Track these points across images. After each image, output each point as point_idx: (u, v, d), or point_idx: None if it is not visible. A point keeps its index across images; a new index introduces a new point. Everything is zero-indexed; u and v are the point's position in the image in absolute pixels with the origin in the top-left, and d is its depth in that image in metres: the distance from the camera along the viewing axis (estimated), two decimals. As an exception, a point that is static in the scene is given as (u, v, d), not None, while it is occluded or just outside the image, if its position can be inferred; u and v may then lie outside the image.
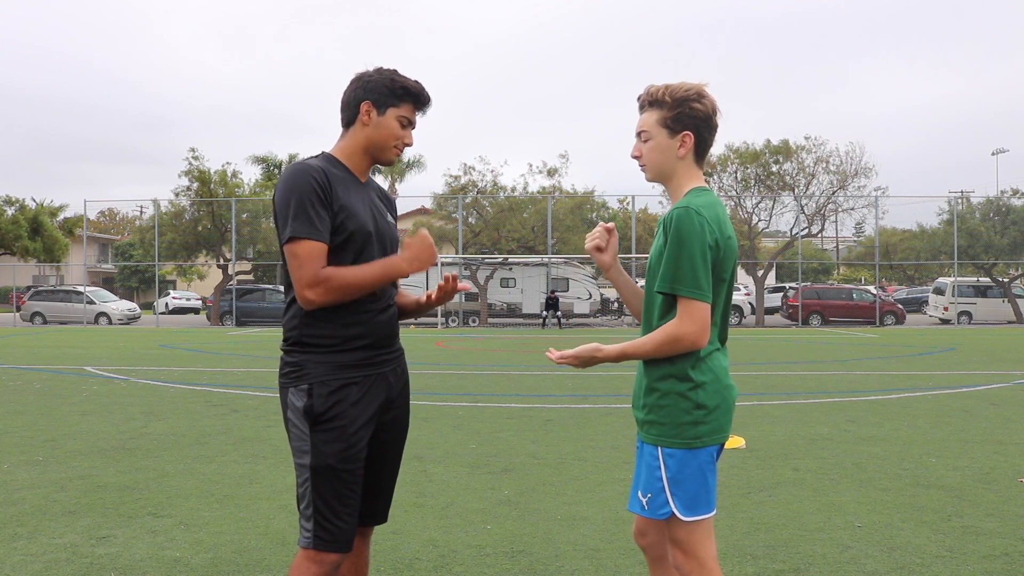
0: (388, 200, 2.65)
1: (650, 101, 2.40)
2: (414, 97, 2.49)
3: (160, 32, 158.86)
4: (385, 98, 2.46)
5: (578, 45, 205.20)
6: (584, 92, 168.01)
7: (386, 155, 2.51)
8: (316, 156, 2.48)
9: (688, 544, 2.32)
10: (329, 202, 2.34)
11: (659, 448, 2.32)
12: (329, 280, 2.30)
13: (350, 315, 2.41)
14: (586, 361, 2.38)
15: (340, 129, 2.54)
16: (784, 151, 32.09)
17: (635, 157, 2.46)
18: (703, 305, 2.25)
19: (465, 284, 2.63)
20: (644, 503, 2.35)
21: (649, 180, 2.49)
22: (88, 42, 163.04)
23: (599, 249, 2.59)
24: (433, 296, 2.61)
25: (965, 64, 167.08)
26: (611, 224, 2.63)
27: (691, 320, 2.24)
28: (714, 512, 2.36)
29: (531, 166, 33.86)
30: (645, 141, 2.42)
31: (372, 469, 2.54)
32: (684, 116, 2.35)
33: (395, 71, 2.51)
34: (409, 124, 2.52)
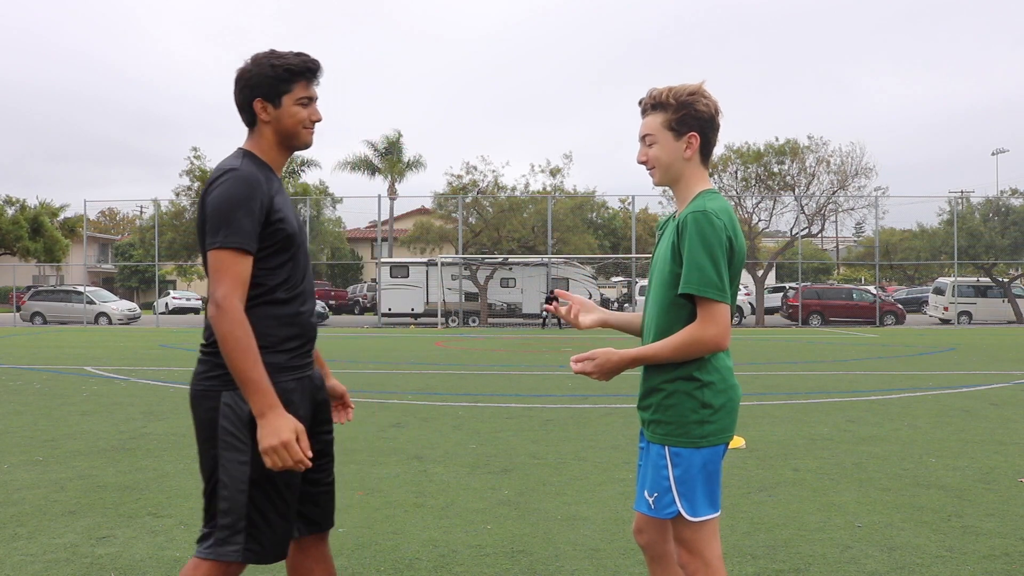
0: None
1: (653, 104, 2.38)
2: (301, 73, 2.36)
3: (161, 33, 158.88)
4: (273, 88, 2.34)
5: (580, 44, 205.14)
6: (585, 92, 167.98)
7: (301, 140, 2.41)
8: (242, 157, 2.34)
9: (694, 543, 2.32)
10: (266, 216, 2.25)
11: (666, 447, 2.32)
12: (237, 313, 2.16)
13: (288, 316, 2.32)
14: (602, 365, 2.34)
15: (340, 126, 2.50)
16: (791, 151, 32.05)
17: (642, 162, 2.44)
18: (725, 307, 2.26)
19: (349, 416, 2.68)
20: (650, 502, 2.35)
21: (657, 184, 2.47)
22: (89, 41, 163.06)
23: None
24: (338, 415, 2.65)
25: (965, 64, 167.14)
26: (562, 299, 2.70)
27: (714, 322, 2.24)
28: (719, 512, 2.36)
29: (533, 166, 33.84)
30: (650, 145, 2.40)
31: (312, 475, 2.42)
32: (688, 117, 2.34)
33: (271, 54, 2.36)
34: (310, 101, 2.39)
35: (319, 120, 2.42)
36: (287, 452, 2.16)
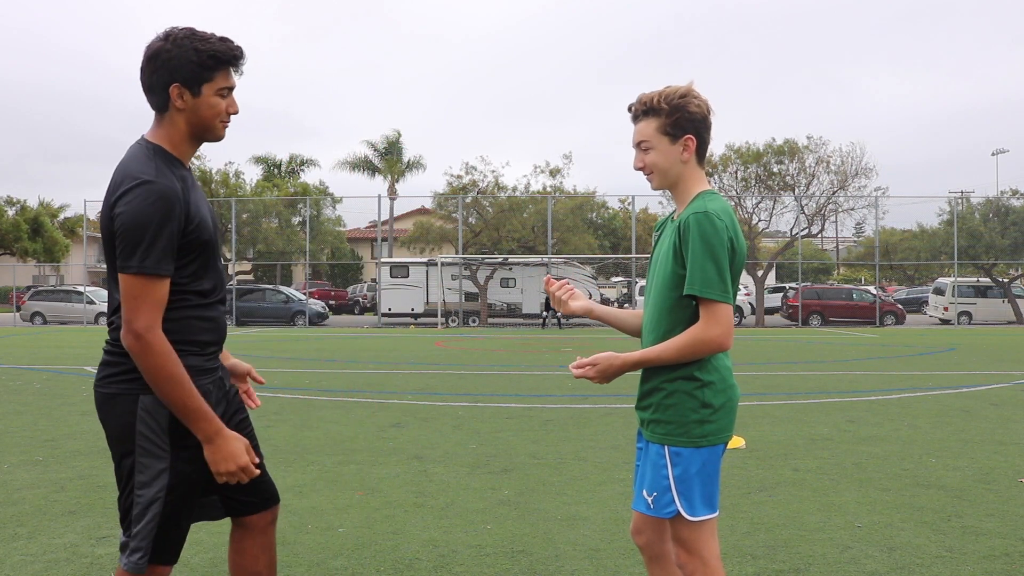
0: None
1: (645, 110, 2.38)
2: (226, 61, 2.19)
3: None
4: (194, 75, 2.16)
5: (580, 44, 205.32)
6: (585, 92, 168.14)
7: (214, 133, 2.26)
8: (152, 157, 2.17)
9: (692, 543, 2.33)
10: (183, 230, 2.14)
11: (666, 447, 2.33)
12: (162, 345, 2.08)
13: (210, 318, 2.26)
14: (604, 371, 2.36)
15: (340, 126, 2.40)
16: (790, 152, 32.06)
17: (639, 168, 2.43)
18: (728, 308, 2.27)
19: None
20: (650, 502, 2.36)
21: (655, 188, 2.48)
22: (89, 41, 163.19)
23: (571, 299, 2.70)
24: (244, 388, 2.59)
25: (965, 64, 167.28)
26: (550, 281, 2.71)
27: (717, 323, 2.25)
28: (718, 512, 2.37)
29: (536, 167, 33.81)
30: (646, 151, 2.39)
31: None
32: (683, 120, 2.34)
33: (192, 34, 2.18)
34: (229, 91, 2.24)
35: (236, 113, 2.28)
36: (243, 473, 2.22)
